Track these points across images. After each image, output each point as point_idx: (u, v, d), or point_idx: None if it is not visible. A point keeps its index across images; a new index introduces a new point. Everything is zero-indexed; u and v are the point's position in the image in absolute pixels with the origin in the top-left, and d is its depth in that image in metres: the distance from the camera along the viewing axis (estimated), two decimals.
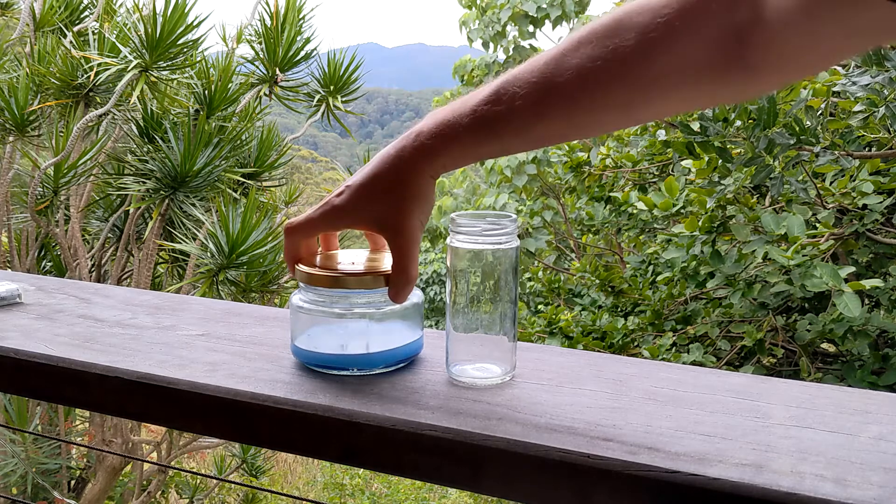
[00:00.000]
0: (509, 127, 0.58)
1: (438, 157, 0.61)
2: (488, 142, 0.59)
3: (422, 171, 0.61)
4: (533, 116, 0.57)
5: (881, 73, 2.14)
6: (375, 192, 0.63)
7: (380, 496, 5.97)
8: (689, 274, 2.95)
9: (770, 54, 0.51)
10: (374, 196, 0.63)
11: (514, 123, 0.58)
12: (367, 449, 0.60)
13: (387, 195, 0.62)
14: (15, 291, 0.90)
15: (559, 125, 0.58)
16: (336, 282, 0.66)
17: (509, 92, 0.57)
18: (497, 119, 0.58)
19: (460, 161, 0.61)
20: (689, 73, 0.53)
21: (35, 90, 3.00)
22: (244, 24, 3.44)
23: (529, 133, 0.58)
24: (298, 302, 0.69)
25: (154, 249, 2.97)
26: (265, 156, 3.31)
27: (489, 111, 0.58)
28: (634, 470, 0.51)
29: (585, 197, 3.81)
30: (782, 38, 0.50)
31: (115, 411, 0.72)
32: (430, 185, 0.62)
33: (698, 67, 0.53)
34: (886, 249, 2.79)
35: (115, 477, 3.21)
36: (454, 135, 0.59)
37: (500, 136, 0.58)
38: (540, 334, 3.33)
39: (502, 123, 0.58)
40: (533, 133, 0.58)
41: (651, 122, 0.67)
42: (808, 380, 2.53)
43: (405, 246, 0.63)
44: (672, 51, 0.52)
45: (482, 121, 0.58)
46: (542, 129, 0.58)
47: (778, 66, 0.52)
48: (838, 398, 0.62)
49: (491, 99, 0.58)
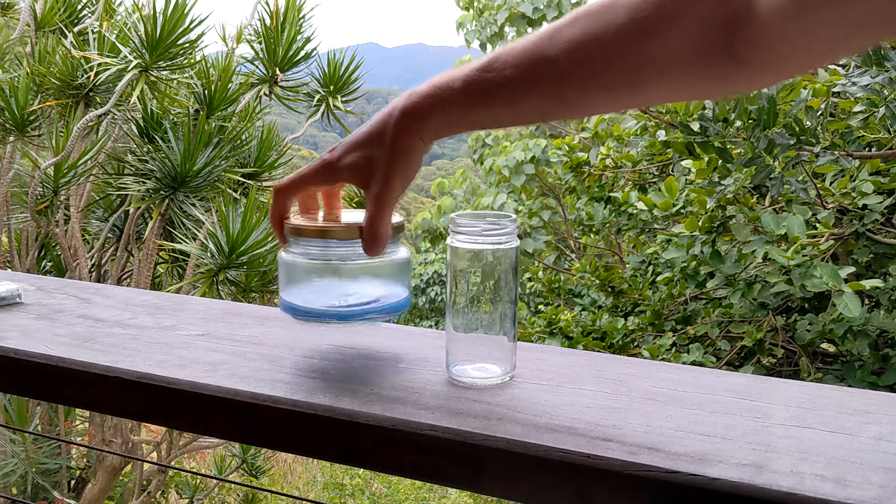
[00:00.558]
0: (499, 96, 0.58)
1: (428, 117, 0.61)
2: (477, 109, 0.59)
3: (409, 130, 0.61)
4: (523, 87, 0.57)
5: (881, 74, 2.14)
6: (361, 144, 0.63)
7: (380, 496, 5.97)
8: (689, 274, 2.95)
9: (761, 49, 0.51)
10: (359, 149, 0.64)
11: (503, 92, 0.58)
12: (367, 449, 0.60)
13: (372, 148, 0.63)
14: (15, 291, 0.90)
15: (548, 99, 0.58)
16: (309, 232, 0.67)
17: (501, 60, 0.58)
18: (488, 86, 0.58)
19: (450, 126, 0.61)
20: (676, 59, 0.53)
21: (35, 90, 3.00)
22: (244, 23, 3.44)
23: (519, 105, 0.58)
24: (282, 255, 0.70)
25: (154, 249, 2.97)
26: (265, 156, 3.31)
27: (480, 77, 0.58)
28: (634, 470, 0.51)
29: (585, 197, 3.82)
30: (775, 32, 0.49)
31: (115, 411, 0.72)
32: (416, 146, 0.62)
33: (686, 54, 0.52)
34: (886, 249, 2.79)
35: (115, 477, 3.21)
36: (445, 97, 0.60)
37: (490, 105, 0.59)
38: (540, 334, 3.33)
39: (492, 91, 0.58)
40: (522, 105, 0.58)
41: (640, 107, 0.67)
42: (808, 380, 2.53)
43: (380, 197, 0.63)
44: (660, 34, 0.52)
45: (473, 86, 0.58)
46: (532, 101, 0.58)
47: (770, 61, 0.52)
48: (838, 398, 0.62)
49: (484, 66, 0.58)
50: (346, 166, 0.64)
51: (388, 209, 0.64)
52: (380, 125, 0.62)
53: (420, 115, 0.61)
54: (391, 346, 0.76)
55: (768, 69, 0.53)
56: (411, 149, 0.62)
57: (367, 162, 0.63)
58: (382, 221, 0.64)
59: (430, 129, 0.61)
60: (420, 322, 9.96)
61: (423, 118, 0.61)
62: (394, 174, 0.62)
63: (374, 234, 0.64)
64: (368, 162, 0.63)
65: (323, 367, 0.70)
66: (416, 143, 0.62)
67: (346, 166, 0.64)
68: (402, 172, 0.63)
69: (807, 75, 2.52)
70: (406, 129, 0.61)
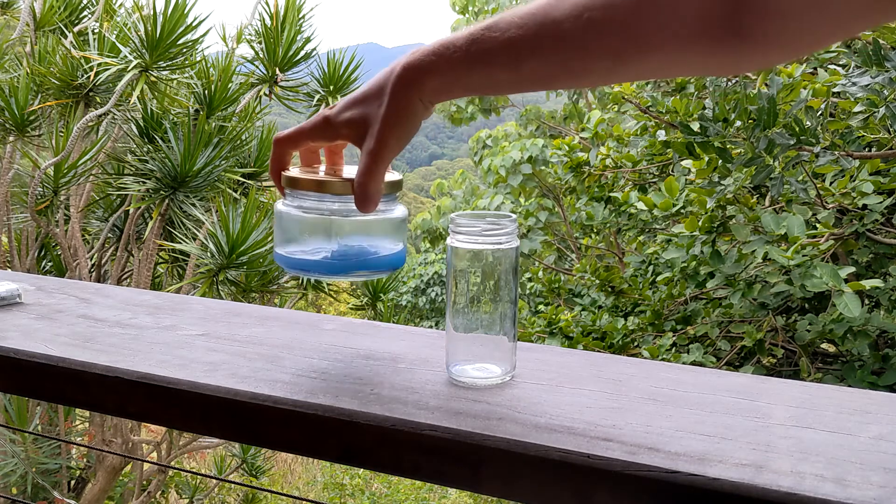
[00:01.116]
0: (500, 57, 0.57)
1: (428, 74, 0.59)
2: (478, 69, 0.58)
3: (408, 87, 0.60)
4: (526, 48, 0.56)
5: (881, 74, 2.14)
6: (360, 101, 0.63)
7: (380, 496, 5.97)
8: (689, 274, 2.95)
9: (767, 21, 0.50)
10: (358, 105, 0.63)
11: (505, 53, 0.57)
12: (367, 449, 0.60)
13: (370, 105, 0.62)
14: (15, 291, 0.90)
15: (550, 64, 0.57)
16: (304, 184, 0.66)
17: (506, 20, 0.57)
18: (491, 45, 0.57)
19: (450, 88, 0.60)
20: (681, 27, 0.52)
21: (35, 90, 3.00)
22: (244, 23, 3.44)
23: (521, 68, 0.57)
24: (277, 205, 0.69)
25: (154, 249, 2.97)
26: (265, 156, 3.31)
27: (484, 36, 0.57)
28: (634, 470, 0.51)
29: (585, 197, 3.82)
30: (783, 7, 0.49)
31: (115, 411, 0.72)
32: (414, 105, 0.60)
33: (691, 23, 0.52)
34: (886, 249, 2.79)
35: (115, 477, 3.21)
36: (448, 55, 0.59)
37: (491, 66, 0.58)
38: (540, 334, 3.33)
39: (495, 52, 0.57)
40: (524, 68, 0.58)
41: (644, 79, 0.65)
42: (808, 380, 2.53)
43: (373, 153, 0.61)
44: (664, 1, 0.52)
45: (476, 45, 0.58)
46: (533, 64, 0.57)
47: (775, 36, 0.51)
48: (838, 398, 0.62)
49: (489, 25, 0.58)
50: (344, 122, 0.63)
51: (381, 166, 0.62)
52: (380, 81, 0.61)
53: (421, 72, 0.59)
54: (391, 346, 0.76)
55: (774, 45, 0.52)
56: (409, 107, 0.60)
57: (363, 118, 0.62)
58: (374, 178, 0.62)
59: (430, 88, 0.60)
60: (420, 322, 9.96)
61: (423, 76, 0.59)
62: (388, 130, 0.61)
63: (365, 190, 0.62)
64: (365, 118, 0.62)
65: (323, 367, 0.70)
66: (415, 102, 0.60)
67: (343, 122, 0.63)
68: (397, 130, 0.61)
69: (807, 75, 2.53)
70: (405, 86, 0.60)
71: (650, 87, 3.31)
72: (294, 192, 0.67)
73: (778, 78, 2.40)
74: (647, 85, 3.33)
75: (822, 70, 2.59)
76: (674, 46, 0.54)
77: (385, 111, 0.60)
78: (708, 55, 0.54)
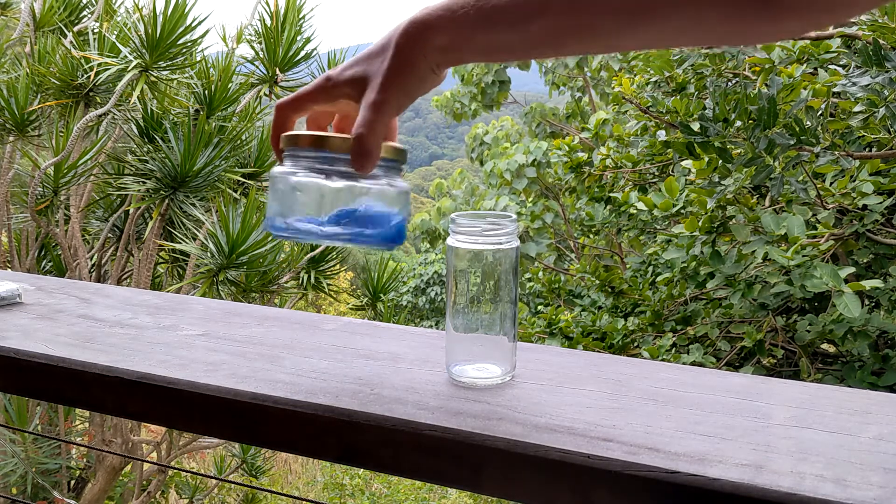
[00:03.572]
0: (509, 14, 0.55)
1: (434, 30, 0.57)
2: (487, 27, 0.56)
3: (413, 42, 0.58)
4: (535, 5, 0.55)
5: (881, 74, 2.14)
6: (364, 59, 0.61)
7: (380, 496, 5.97)
8: (689, 274, 2.95)
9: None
10: (362, 63, 0.61)
11: (515, 10, 0.55)
12: (367, 449, 0.60)
13: (373, 60, 0.60)
14: (15, 291, 0.90)
15: (561, 21, 0.55)
16: (302, 140, 0.62)
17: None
18: (501, 1, 0.55)
19: (458, 45, 0.58)
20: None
21: (35, 90, 3.00)
22: (244, 24, 3.45)
23: (530, 26, 0.55)
24: (273, 170, 0.65)
25: (154, 249, 2.97)
26: (265, 156, 3.31)
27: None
28: (634, 470, 0.51)
29: (585, 197, 3.82)
30: None
31: (116, 411, 0.72)
32: (418, 61, 0.58)
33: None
34: (886, 250, 2.79)
35: (115, 477, 3.21)
36: (455, 10, 0.57)
37: (499, 24, 0.56)
38: (540, 335, 3.33)
39: (503, 8, 0.55)
40: (533, 26, 0.55)
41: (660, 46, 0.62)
42: (808, 380, 2.53)
43: (373, 105, 0.59)
44: None
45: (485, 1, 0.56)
46: (543, 22, 0.55)
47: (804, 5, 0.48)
48: (838, 398, 0.62)
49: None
50: (346, 79, 0.61)
51: (381, 119, 0.59)
52: (385, 38, 0.60)
53: (427, 27, 0.57)
54: (391, 346, 0.76)
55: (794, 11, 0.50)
56: (413, 62, 0.58)
57: (366, 75, 0.60)
58: (372, 130, 0.59)
59: (437, 45, 0.58)
60: (420, 322, 9.96)
61: (429, 31, 0.57)
62: (391, 84, 0.58)
63: (361, 142, 0.59)
64: (368, 75, 0.60)
65: (323, 367, 0.70)
66: (419, 59, 0.58)
67: (346, 79, 0.61)
68: (400, 84, 0.59)
69: (807, 75, 2.53)
70: (410, 41, 0.58)
71: (650, 87, 3.31)
72: (292, 150, 0.63)
73: (778, 78, 2.40)
74: (647, 85, 3.33)
75: (823, 70, 2.59)
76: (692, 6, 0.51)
77: (388, 65, 0.58)
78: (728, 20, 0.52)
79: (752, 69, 2.84)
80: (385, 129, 0.60)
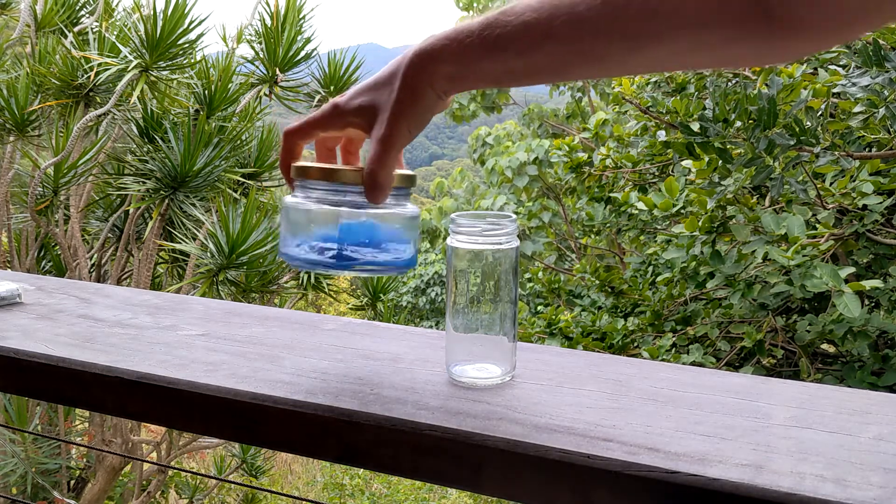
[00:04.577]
0: (515, 42, 0.55)
1: (441, 60, 0.58)
2: (492, 55, 0.56)
3: (420, 73, 0.58)
4: (540, 32, 0.55)
5: (881, 74, 2.14)
6: (371, 88, 0.61)
7: (380, 496, 5.97)
8: (689, 274, 2.95)
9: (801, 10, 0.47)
10: (369, 92, 0.61)
11: (519, 38, 0.55)
12: (367, 449, 0.60)
13: (381, 91, 0.60)
14: (15, 291, 0.90)
15: (565, 48, 0.55)
16: (312, 172, 0.63)
17: (522, 4, 0.56)
18: (505, 29, 0.55)
19: (464, 74, 0.58)
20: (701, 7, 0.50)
21: (35, 90, 3.00)
22: (244, 24, 3.45)
23: (534, 53, 0.55)
24: (285, 199, 0.66)
25: (154, 249, 2.97)
26: (265, 156, 3.31)
27: (499, 19, 0.56)
28: (634, 470, 0.51)
29: (586, 197, 3.82)
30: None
31: (115, 411, 0.72)
32: (425, 92, 0.59)
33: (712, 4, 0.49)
34: (886, 250, 2.79)
35: (115, 477, 3.21)
36: (461, 39, 0.57)
37: (505, 51, 0.56)
38: (540, 335, 3.33)
39: (509, 35, 0.55)
40: (538, 54, 0.56)
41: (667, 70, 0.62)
42: (808, 380, 2.53)
43: (383, 140, 0.60)
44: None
45: (489, 29, 0.56)
46: (548, 49, 0.55)
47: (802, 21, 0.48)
48: (838, 399, 0.62)
49: (504, 10, 0.56)
50: (354, 109, 0.61)
51: (391, 153, 0.60)
52: (392, 68, 0.60)
53: (433, 58, 0.58)
54: (391, 346, 0.76)
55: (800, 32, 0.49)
56: (421, 93, 0.59)
57: (374, 105, 0.60)
58: (384, 165, 0.60)
59: (443, 74, 0.58)
60: (420, 322, 9.96)
61: (435, 62, 0.58)
62: (400, 116, 0.59)
63: (374, 178, 0.60)
64: (376, 105, 0.60)
65: (323, 367, 0.70)
66: (426, 89, 0.59)
67: (353, 109, 0.62)
68: (409, 116, 0.59)
69: (807, 75, 2.53)
70: (417, 72, 0.58)
71: (650, 87, 3.31)
72: (303, 181, 0.64)
73: (778, 78, 2.40)
74: (647, 85, 3.33)
75: (823, 70, 2.59)
76: (696, 31, 0.51)
77: (396, 97, 0.59)
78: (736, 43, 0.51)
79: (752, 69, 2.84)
80: (396, 162, 0.61)
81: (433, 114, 0.61)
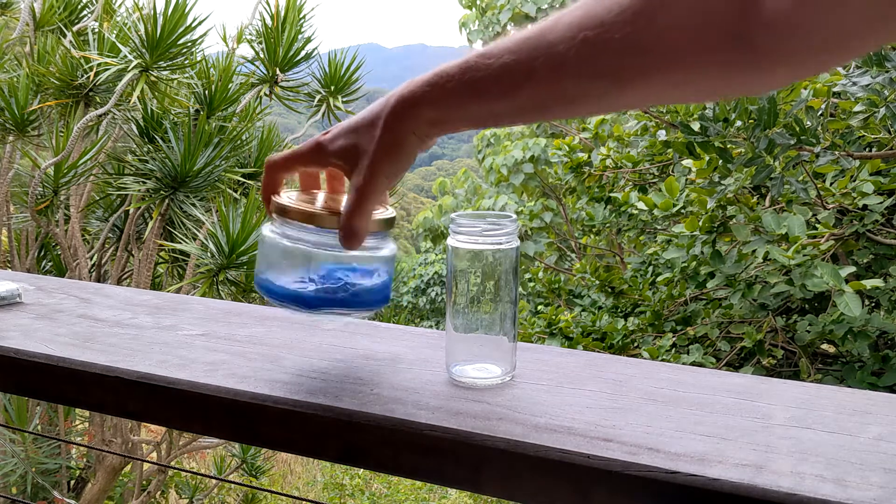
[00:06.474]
0: (495, 84, 0.55)
1: (422, 107, 0.57)
2: (473, 99, 0.56)
3: (402, 120, 0.58)
4: (520, 75, 0.54)
5: (881, 74, 2.14)
6: (353, 130, 0.61)
7: (380, 496, 5.97)
8: (690, 274, 2.95)
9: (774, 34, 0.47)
10: (351, 134, 0.61)
11: (499, 80, 0.55)
12: (366, 449, 0.60)
13: (362, 135, 0.60)
14: (15, 291, 0.90)
15: (546, 89, 0.54)
16: (292, 213, 0.63)
17: (501, 46, 0.55)
18: (485, 73, 0.55)
19: (445, 121, 0.58)
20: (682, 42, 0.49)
21: (35, 90, 3.00)
22: (244, 24, 3.45)
23: (516, 96, 0.55)
24: (263, 230, 0.67)
25: (154, 249, 2.97)
26: (265, 156, 3.31)
27: (479, 63, 0.55)
28: (634, 470, 0.51)
29: (586, 197, 3.82)
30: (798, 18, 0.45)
31: (115, 411, 0.72)
32: (407, 139, 0.58)
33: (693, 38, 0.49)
34: (886, 250, 2.79)
35: (115, 477, 3.21)
36: (442, 84, 0.57)
37: (486, 93, 0.55)
38: (540, 335, 3.33)
39: (489, 79, 0.55)
40: (519, 96, 0.55)
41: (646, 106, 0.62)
42: (808, 381, 2.53)
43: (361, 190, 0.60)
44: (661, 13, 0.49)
45: (470, 73, 0.55)
46: (529, 91, 0.55)
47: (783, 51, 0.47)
48: (838, 399, 0.62)
49: (483, 52, 0.56)
50: (336, 151, 0.62)
51: (369, 203, 0.60)
52: (375, 111, 0.60)
53: (415, 104, 0.57)
54: (391, 346, 0.76)
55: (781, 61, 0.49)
56: (402, 141, 0.59)
57: (355, 148, 0.60)
58: (360, 214, 0.60)
59: (425, 120, 0.58)
60: (420, 322, 9.97)
61: (418, 108, 0.57)
62: (379, 166, 0.59)
63: (350, 227, 0.61)
64: (356, 149, 0.60)
65: (323, 367, 0.70)
66: (408, 137, 0.58)
67: (335, 151, 0.62)
68: (388, 165, 0.59)
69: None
70: (398, 120, 0.58)
71: None
72: (281, 218, 0.65)
73: None
74: None
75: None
76: (676, 65, 0.51)
77: (376, 145, 0.59)
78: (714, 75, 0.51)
79: None
80: (374, 208, 0.61)
81: (415, 157, 0.60)
